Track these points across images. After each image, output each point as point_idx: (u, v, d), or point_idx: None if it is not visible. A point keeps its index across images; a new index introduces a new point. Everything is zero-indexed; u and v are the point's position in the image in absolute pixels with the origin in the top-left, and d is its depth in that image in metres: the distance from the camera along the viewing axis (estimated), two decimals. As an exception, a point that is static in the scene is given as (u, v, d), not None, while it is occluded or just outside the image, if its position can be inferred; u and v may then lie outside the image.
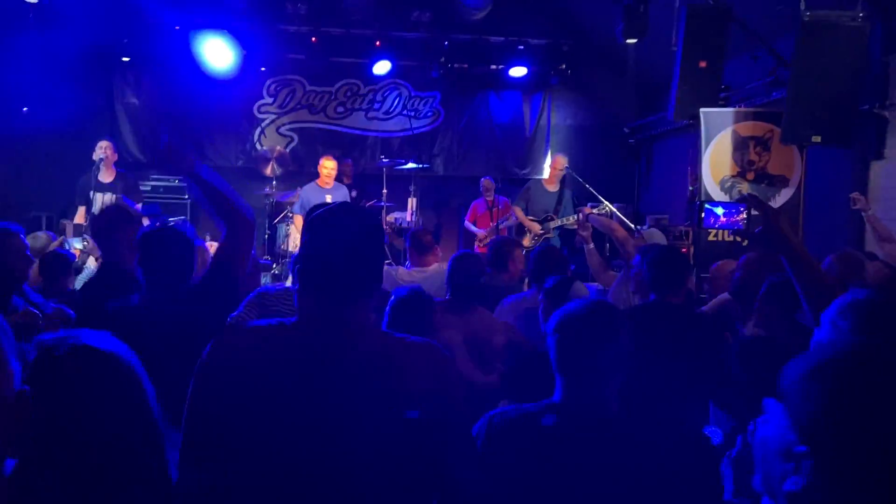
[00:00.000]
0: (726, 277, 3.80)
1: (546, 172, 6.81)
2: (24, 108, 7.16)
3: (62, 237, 5.44)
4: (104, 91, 8.86)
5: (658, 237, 5.11)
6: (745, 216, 1.95)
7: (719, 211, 1.90)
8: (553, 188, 6.69)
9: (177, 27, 8.27)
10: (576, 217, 6.31)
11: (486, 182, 7.89)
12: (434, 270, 4.53)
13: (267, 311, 3.07)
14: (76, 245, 5.51)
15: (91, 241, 5.55)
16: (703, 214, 1.89)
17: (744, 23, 5.93)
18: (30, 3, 6.39)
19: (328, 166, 7.24)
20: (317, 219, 1.52)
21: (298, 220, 6.68)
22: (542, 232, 6.48)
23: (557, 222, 6.51)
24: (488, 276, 3.63)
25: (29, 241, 4.33)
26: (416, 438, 1.39)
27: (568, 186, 7.03)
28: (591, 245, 4.61)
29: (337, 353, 1.42)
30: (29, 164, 8.39)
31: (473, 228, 7.88)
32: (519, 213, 6.63)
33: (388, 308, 2.92)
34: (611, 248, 6.54)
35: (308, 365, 1.40)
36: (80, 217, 6.02)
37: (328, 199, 6.74)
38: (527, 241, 6.53)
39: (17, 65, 7.57)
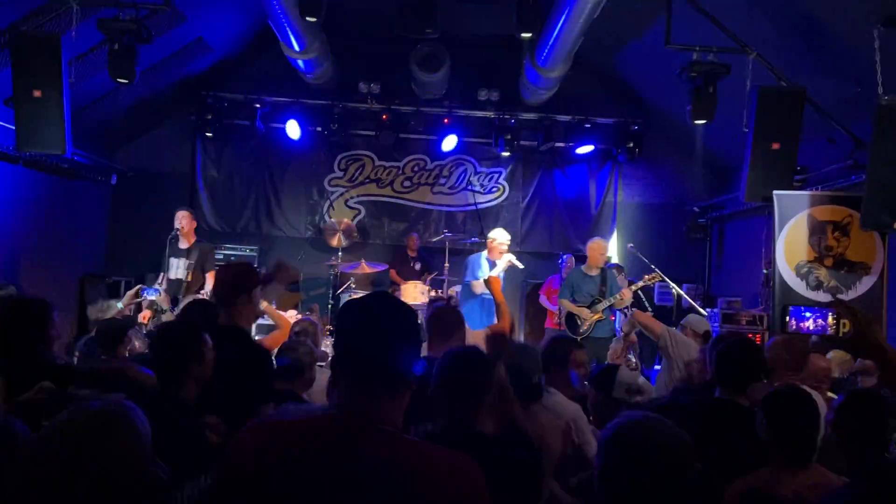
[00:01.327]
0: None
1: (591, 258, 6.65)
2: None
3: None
4: (189, 163, 9.35)
5: (701, 324, 4.90)
6: (833, 321, 1.82)
7: (807, 315, 1.80)
8: (595, 273, 6.57)
9: (257, 105, 8.71)
10: (620, 296, 6.18)
11: (569, 260, 7.85)
12: None
13: None
14: (150, 296, 5.66)
15: (165, 296, 5.74)
16: (787, 318, 1.78)
17: (818, 105, 5.78)
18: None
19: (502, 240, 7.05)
20: (349, 310, 1.50)
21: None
22: (592, 315, 6.33)
23: (606, 303, 6.34)
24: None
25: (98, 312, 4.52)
26: None
27: (609, 268, 6.93)
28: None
29: (359, 459, 1.36)
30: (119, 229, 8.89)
31: (548, 304, 7.78)
32: (567, 304, 6.49)
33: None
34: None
35: (329, 466, 1.35)
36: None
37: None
38: (585, 326, 6.40)
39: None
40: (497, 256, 6.95)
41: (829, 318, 1.90)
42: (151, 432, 1.44)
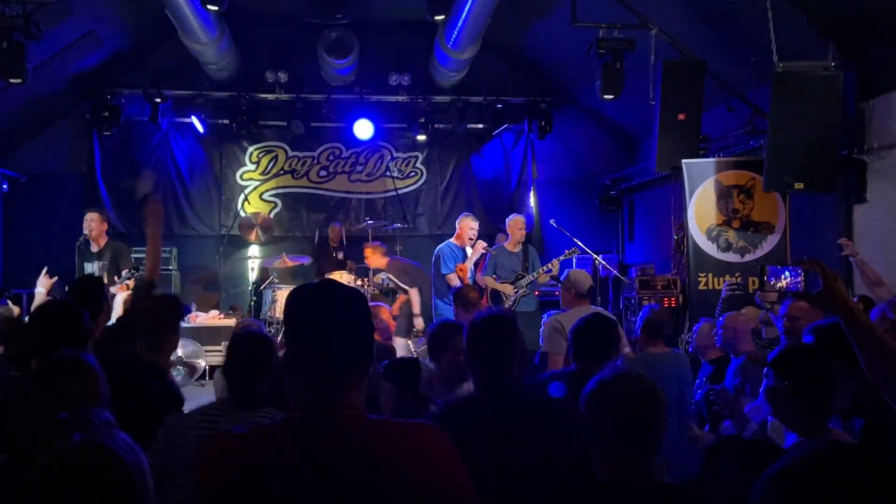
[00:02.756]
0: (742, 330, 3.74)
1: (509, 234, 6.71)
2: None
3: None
4: (87, 163, 8.83)
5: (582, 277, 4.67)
6: (803, 279, 1.92)
7: (784, 275, 1.88)
8: (517, 249, 6.67)
9: (157, 100, 8.31)
10: (544, 269, 6.31)
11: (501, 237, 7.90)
12: None
13: None
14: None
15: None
16: (765, 277, 1.86)
17: (717, 76, 6.09)
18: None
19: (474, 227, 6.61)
20: (298, 303, 1.46)
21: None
22: (516, 291, 6.45)
23: (528, 278, 6.47)
24: None
25: None
26: None
27: (531, 244, 7.03)
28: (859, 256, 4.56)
29: (333, 452, 1.35)
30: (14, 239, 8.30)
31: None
32: (490, 281, 6.58)
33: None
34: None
35: (305, 470, 1.33)
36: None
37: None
38: (509, 302, 6.51)
39: None
40: (467, 243, 6.63)
41: (800, 277, 2.00)
42: None
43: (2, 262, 8.31)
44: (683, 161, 5.92)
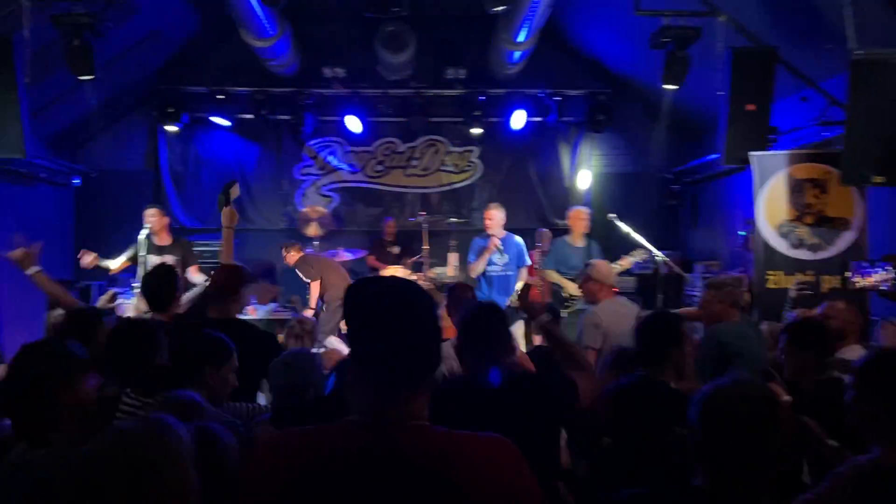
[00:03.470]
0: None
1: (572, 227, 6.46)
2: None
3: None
4: (153, 159, 9.10)
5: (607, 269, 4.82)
6: (893, 275, 1.79)
7: (873, 270, 1.75)
8: (581, 244, 6.39)
9: (219, 96, 8.48)
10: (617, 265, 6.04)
11: (545, 232, 7.77)
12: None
13: None
14: (128, 300, 5.38)
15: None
16: (848, 273, 1.75)
17: (790, 64, 5.80)
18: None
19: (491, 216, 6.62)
20: (364, 302, 1.38)
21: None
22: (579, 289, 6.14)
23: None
24: None
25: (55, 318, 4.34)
26: None
27: (594, 238, 6.78)
28: None
29: (388, 460, 1.29)
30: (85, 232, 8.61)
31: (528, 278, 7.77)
32: (555, 276, 6.31)
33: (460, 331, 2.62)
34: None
35: (357, 477, 1.28)
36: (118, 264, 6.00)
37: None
38: (571, 300, 6.24)
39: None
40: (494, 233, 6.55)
41: (891, 273, 1.86)
42: None
43: (72, 255, 8.62)
44: (752, 153, 5.66)
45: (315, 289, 7.20)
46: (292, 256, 7.51)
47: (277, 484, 1.28)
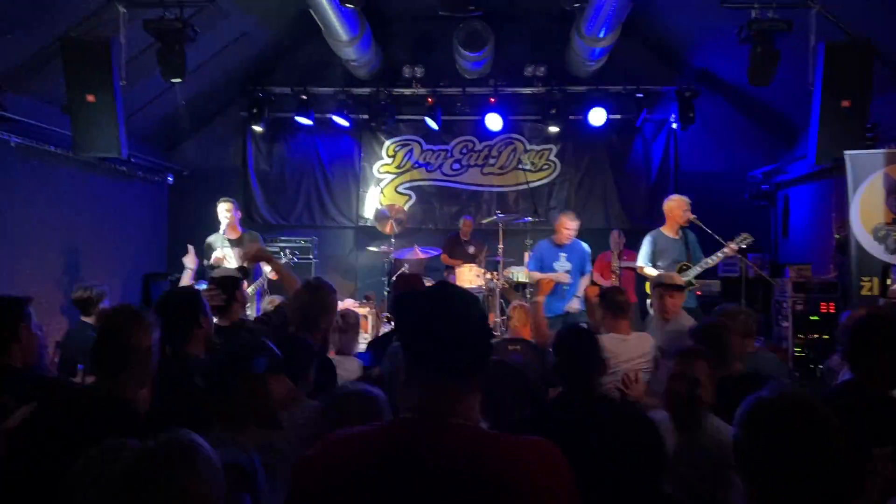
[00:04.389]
0: None
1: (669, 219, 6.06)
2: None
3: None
4: (241, 158, 9.47)
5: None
6: None
7: None
8: (676, 234, 5.98)
9: (303, 97, 8.72)
10: (714, 258, 5.72)
11: (614, 234, 7.55)
12: (635, 340, 3.93)
13: None
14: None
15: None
16: (889, 278, 1.61)
17: (888, 58, 5.42)
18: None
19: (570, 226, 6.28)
20: (410, 307, 1.42)
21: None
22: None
23: (697, 269, 5.77)
24: None
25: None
26: None
27: (690, 228, 6.36)
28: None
29: (436, 462, 1.30)
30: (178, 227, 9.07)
31: (602, 281, 7.61)
32: (651, 272, 5.92)
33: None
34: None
35: (404, 477, 1.29)
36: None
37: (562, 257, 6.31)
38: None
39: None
40: (565, 241, 6.27)
41: None
42: None
43: (167, 249, 9.10)
44: (847, 152, 5.33)
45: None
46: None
47: (327, 482, 1.31)
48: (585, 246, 6.44)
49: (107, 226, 7.73)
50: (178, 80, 5.87)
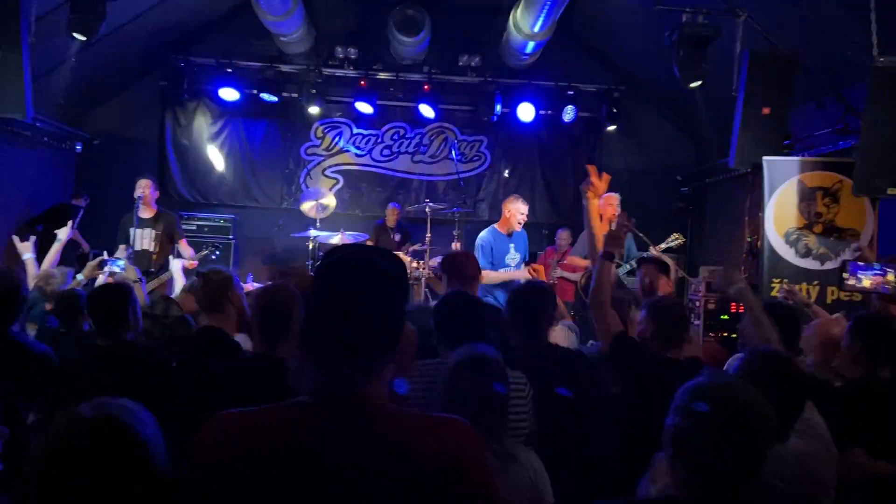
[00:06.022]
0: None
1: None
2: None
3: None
4: (158, 129, 9.01)
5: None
6: (893, 279, 1.71)
7: (867, 274, 1.69)
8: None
9: (229, 70, 8.38)
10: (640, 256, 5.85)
11: (562, 234, 7.74)
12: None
13: None
14: (114, 268, 5.11)
15: (131, 267, 5.19)
16: (845, 274, 1.67)
17: (809, 70, 5.67)
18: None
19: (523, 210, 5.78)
20: (323, 270, 1.29)
21: None
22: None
23: (626, 267, 5.91)
24: None
25: (41, 282, 4.25)
26: None
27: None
28: None
29: (338, 442, 1.20)
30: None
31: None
32: (581, 261, 6.04)
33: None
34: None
35: (304, 459, 1.20)
36: (120, 254, 5.92)
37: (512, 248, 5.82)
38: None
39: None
40: (515, 228, 5.79)
41: (889, 276, 1.79)
42: None
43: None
44: (765, 158, 5.55)
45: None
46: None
47: (222, 462, 1.20)
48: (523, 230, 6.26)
49: (2, 194, 7.19)
50: (83, 37, 5.50)
